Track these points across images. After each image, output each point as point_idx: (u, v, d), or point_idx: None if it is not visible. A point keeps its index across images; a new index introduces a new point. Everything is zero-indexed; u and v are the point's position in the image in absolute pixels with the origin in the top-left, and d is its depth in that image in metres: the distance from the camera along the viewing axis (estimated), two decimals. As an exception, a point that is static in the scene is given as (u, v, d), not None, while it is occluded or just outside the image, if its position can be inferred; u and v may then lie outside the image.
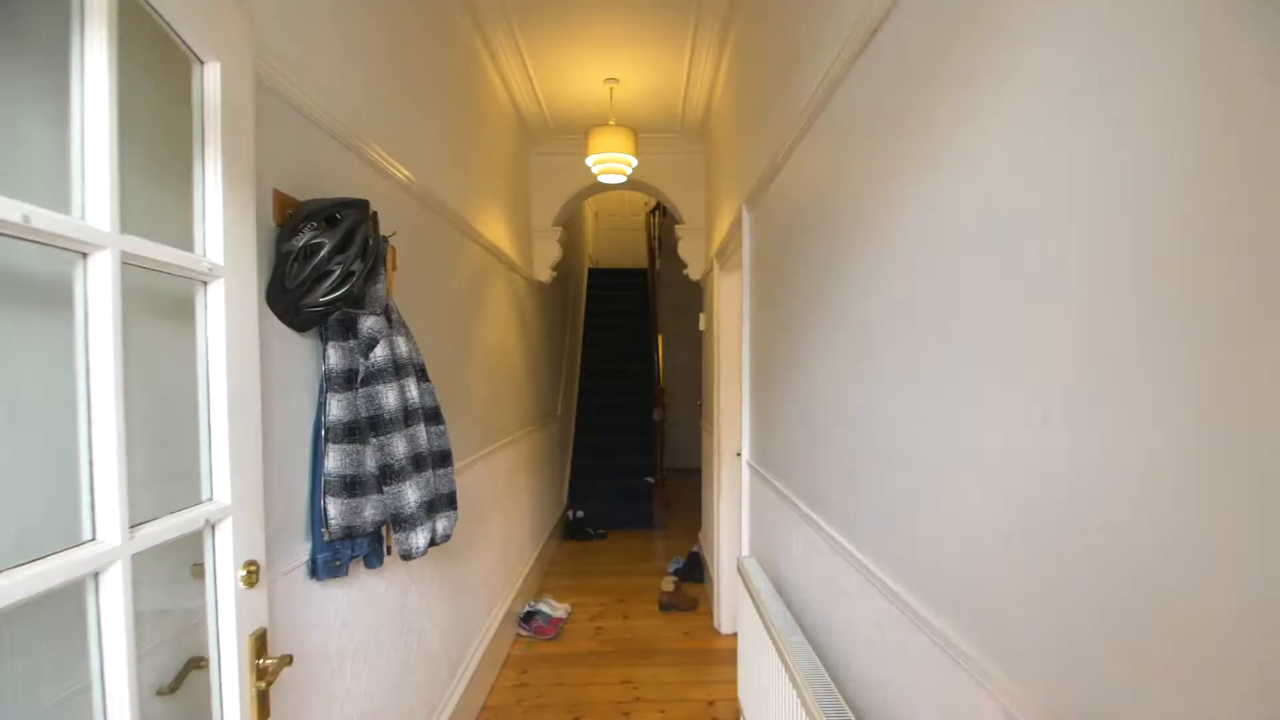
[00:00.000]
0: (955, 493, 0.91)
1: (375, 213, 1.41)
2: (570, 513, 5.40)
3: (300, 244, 1.24)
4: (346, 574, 1.45)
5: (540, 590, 4.02)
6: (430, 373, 1.99)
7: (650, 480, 5.78)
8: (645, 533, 5.48)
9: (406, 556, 1.47)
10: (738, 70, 2.84)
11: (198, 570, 0.99)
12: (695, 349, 7.43)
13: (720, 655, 3.24)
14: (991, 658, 0.81)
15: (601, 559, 4.77)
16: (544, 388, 4.88)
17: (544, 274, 4.36)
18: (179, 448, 0.99)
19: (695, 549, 4.44)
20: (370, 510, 1.42)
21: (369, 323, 1.42)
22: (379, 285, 1.47)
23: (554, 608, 3.59)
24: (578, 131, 4.00)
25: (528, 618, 3.45)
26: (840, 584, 1.41)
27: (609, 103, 3.61)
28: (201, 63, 0.95)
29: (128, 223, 0.81)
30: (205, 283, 0.94)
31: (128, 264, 0.78)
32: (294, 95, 1.35)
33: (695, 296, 7.83)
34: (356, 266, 1.32)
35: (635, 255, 8.73)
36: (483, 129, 3.03)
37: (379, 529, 1.50)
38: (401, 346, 1.51)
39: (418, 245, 2.08)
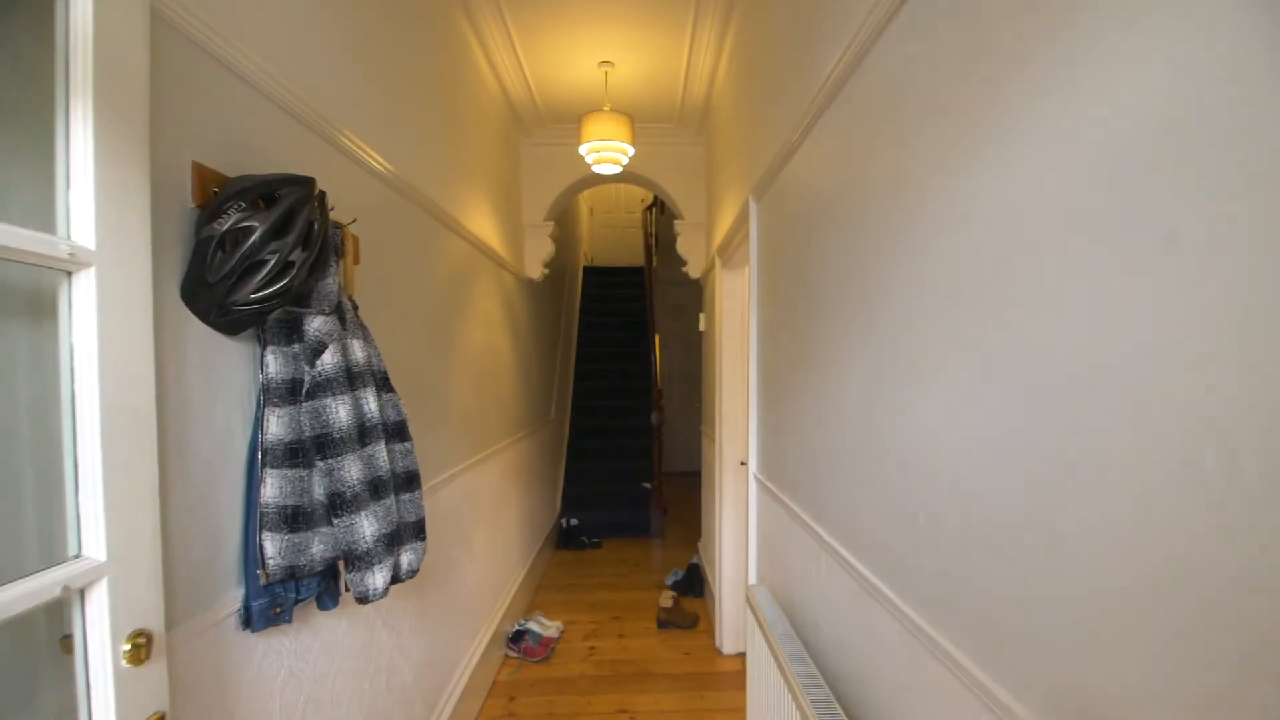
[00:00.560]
0: (1047, 534, 0.70)
1: (323, 192, 1.19)
2: (563, 521, 5.17)
3: (225, 228, 1.02)
4: (290, 621, 1.23)
5: (530, 607, 3.80)
6: (402, 380, 1.77)
7: (648, 486, 5.56)
8: (642, 541, 5.26)
9: (363, 600, 1.25)
10: (743, 51, 2.62)
11: (68, 644, 0.77)
12: (693, 349, 7.22)
13: (723, 679, 3.02)
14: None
15: (596, 570, 4.55)
16: (536, 391, 4.65)
17: (536, 271, 4.14)
18: (48, 489, 0.77)
19: (695, 560, 4.22)
20: (318, 545, 1.20)
21: (316, 324, 1.20)
22: (329, 279, 1.24)
23: (545, 626, 3.37)
24: (571, 120, 3.78)
25: (516, 638, 3.23)
26: (877, 633, 1.19)
27: (604, 88, 3.39)
28: (66, -15, 0.73)
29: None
30: (69, 273, 0.72)
31: (-80, 244, 0.56)
32: (231, 57, 1.13)
33: (693, 295, 7.64)
34: (297, 256, 1.09)
35: (632, 253, 8.52)
36: (468, 114, 2.80)
37: (331, 565, 1.28)
38: (357, 352, 1.29)
39: (389, 237, 1.86)
